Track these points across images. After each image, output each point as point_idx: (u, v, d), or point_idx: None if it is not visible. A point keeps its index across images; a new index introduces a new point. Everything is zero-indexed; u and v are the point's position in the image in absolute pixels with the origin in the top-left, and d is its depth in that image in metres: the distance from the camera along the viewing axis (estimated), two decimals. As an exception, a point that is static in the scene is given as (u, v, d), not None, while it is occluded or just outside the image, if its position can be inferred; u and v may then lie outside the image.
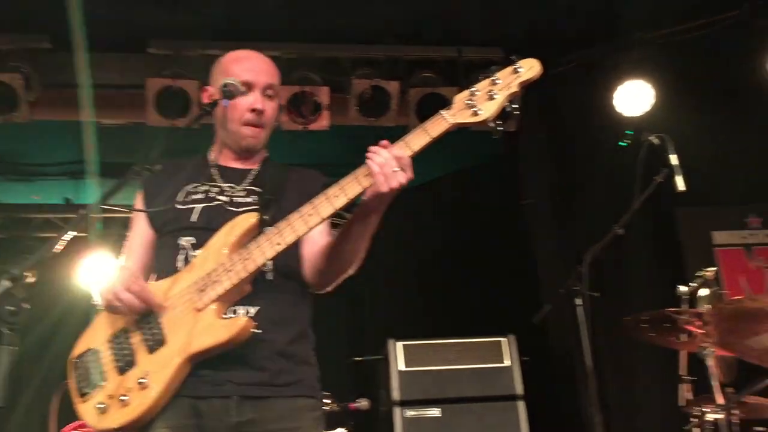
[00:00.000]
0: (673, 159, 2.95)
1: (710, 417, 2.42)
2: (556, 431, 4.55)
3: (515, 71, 1.89)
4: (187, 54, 4.66)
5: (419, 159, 1.91)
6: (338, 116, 4.89)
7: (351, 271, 2.11)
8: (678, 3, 4.73)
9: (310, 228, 1.91)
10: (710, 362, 2.65)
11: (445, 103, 1.93)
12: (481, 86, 1.89)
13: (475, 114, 1.87)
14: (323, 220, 1.92)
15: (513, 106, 1.88)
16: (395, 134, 1.94)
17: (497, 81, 1.88)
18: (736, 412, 2.91)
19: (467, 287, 5.18)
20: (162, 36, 4.68)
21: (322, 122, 4.83)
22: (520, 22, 4.73)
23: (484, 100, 1.88)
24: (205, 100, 2.21)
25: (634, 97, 4.80)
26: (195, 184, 2.14)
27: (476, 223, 5.36)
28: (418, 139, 1.89)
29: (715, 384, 2.62)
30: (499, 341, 4.51)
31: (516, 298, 4.91)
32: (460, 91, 1.92)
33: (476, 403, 4.35)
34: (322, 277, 2.10)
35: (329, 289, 2.17)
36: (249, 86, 2.12)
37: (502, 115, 1.89)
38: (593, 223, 3.49)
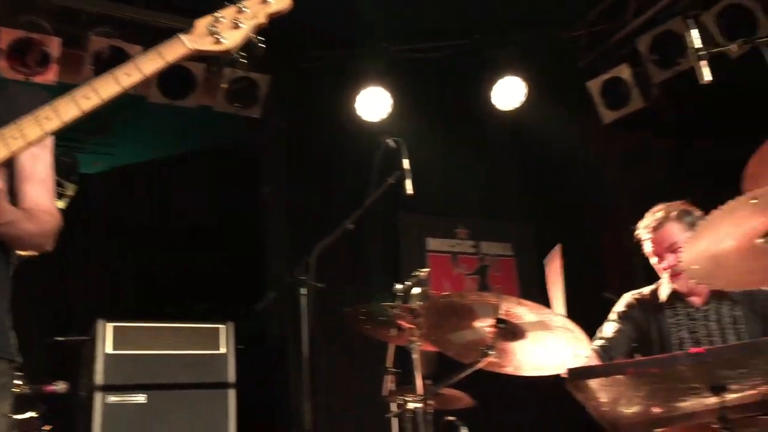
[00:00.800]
0: (406, 163, 3.14)
1: (410, 406, 2.60)
2: (268, 419, 4.59)
3: (264, 1, 1.81)
4: None
5: (157, 131, 1.80)
6: (70, 73, 4.47)
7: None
8: (424, 22, 5.07)
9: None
10: (415, 355, 2.85)
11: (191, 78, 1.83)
12: (227, 13, 1.80)
13: (218, 42, 1.78)
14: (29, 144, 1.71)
15: (259, 38, 1.82)
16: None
17: (244, 9, 1.80)
18: (432, 402, 3.18)
19: (191, 270, 5.03)
20: None
21: (49, 76, 4.38)
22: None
23: (229, 29, 1.79)
24: None
25: (373, 103, 5.05)
26: None
27: (207, 204, 5.23)
28: (152, 63, 1.75)
29: (418, 376, 2.83)
30: (217, 328, 4.44)
31: (240, 284, 4.89)
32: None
33: (186, 390, 4.24)
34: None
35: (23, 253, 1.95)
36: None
37: (248, 47, 1.81)
38: (326, 217, 3.60)
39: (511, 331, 2.58)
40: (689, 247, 2.26)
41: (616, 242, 5.59)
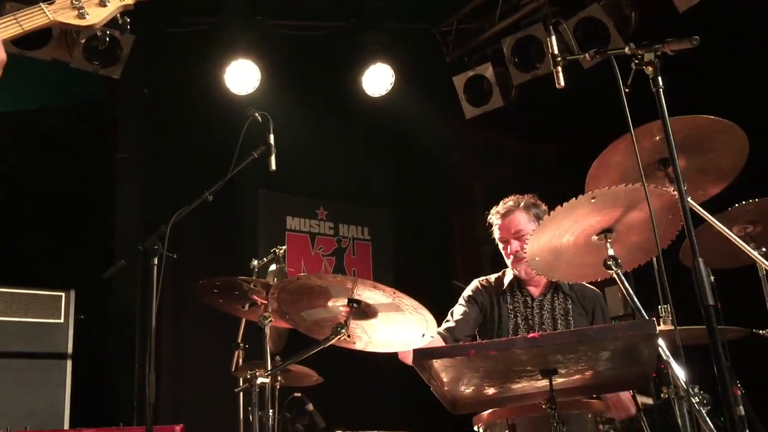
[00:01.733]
0: (271, 139, 3.11)
1: (258, 381, 2.61)
2: (109, 390, 4.42)
3: (134, -19, 1.80)
4: None
5: (3, 85, 1.72)
6: None
7: None
8: (302, 1, 5.04)
9: None
10: (267, 331, 2.85)
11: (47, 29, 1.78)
12: (94, -12, 1.77)
13: (81, 17, 1.76)
14: None
15: (126, 20, 1.81)
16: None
17: (113, -13, 1.77)
18: (280, 378, 3.20)
19: (34, 234, 4.72)
20: None
21: None
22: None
23: (94, 5, 1.78)
24: None
25: (242, 76, 4.96)
26: None
27: (57, 166, 4.92)
28: (7, 29, 1.70)
29: (267, 351, 2.84)
30: (60, 295, 4.23)
31: (89, 251, 4.65)
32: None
33: (20, 360, 4.01)
34: None
35: None
36: None
37: (115, 26, 1.81)
38: (185, 188, 3.50)
39: (363, 311, 2.64)
40: (533, 240, 2.41)
41: (466, 233, 5.84)
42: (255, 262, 3.47)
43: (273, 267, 3.37)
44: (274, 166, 3.15)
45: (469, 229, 5.83)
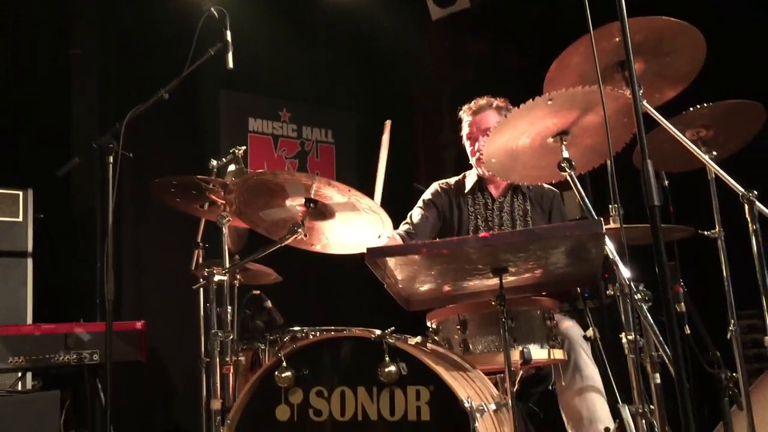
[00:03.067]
0: (228, 36, 3.03)
1: (216, 279, 2.64)
2: (72, 287, 4.44)
3: None
4: None
5: None
6: None
7: None
8: None
9: None
10: (225, 230, 2.87)
11: None
12: None
13: None
14: None
15: None
16: None
17: None
18: (239, 277, 3.24)
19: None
20: None
21: None
22: None
23: None
24: None
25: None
26: None
27: (10, 63, 4.74)
28: None
29: (225, 250, 2.86)
30: (17, 194, 4.17)
31: (43, 149, 4.56)
32: None
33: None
34: None
35: None
36: None
37: None
38: (142, 85, 3.39)
39: (320, 211, 2.66)
40: (490, 141, 2.42)
41: (430, 137, 5.84)
42: (214, 162, 3.44)
43: (232, 167, 3.34)
44: (231, 64, 3.08)
45: (433, 132, 5.82)
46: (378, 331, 2.29)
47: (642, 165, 1.86)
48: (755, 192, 2.27)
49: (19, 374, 3.43)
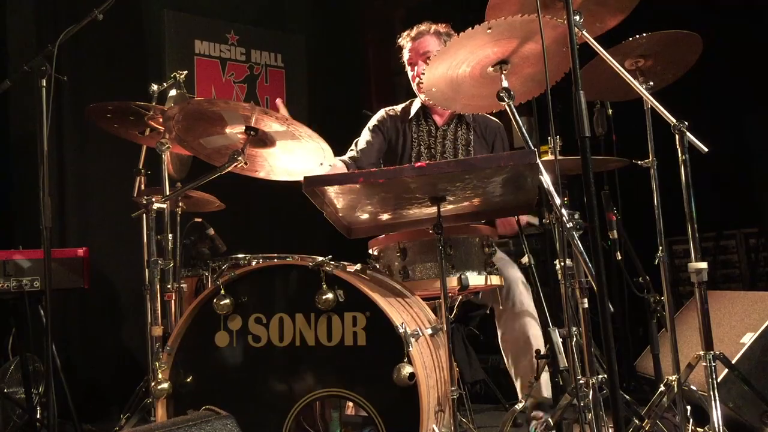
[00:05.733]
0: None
1: (155, 207, 2.62)
2: (13, 214, 4.36)
3: None
4: None
5: None
6: None
7: None
8: None
9: None
10: (164, 157, 2.83)
11: None
12: None
13: None
14: None
15: None
16: None
17: None
18: (182, 204, 3.22)
19: None
20: None
21: None
22: None
23: None
24: None
25: None
26: None
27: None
28: None
29: (165, 177, 2.83)
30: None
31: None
32: None
33: None
34: None
35: None
36: None
37: None
38: (82, 2, 3.24)
39: (261, 139, 2.63)
40: (429, 70, 2.41)
41: (381, 62, 5.76)
42: (155, 87, 3.36)
43: (173, 92, 3.27)
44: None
45: (384, 58, 5.75)
46: (318, 259, 2.32)
47: (573, 96, 1.87)
48: (686, 123, 2.32)
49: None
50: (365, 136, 3.49)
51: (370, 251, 2.83)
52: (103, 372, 4.34)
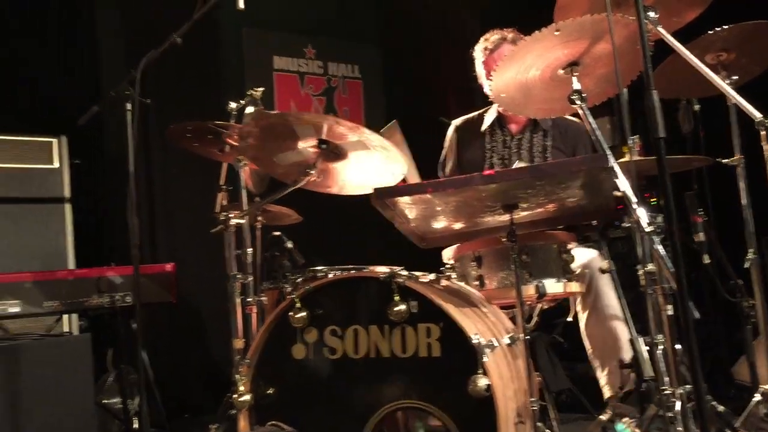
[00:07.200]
0: (235, -24, 2.98)
1: (233, 222, 2.68)
2: (100, 233, 4.57)
3: None
4: None
5: None
6: None
7: None
8: None
9: None
10: (242, 174, 2.90)
11: None
12: None
13: None
14: None
15: None
16: None
17: None
18: (261, 218, 3.30)
19: (16, 79, 4.67)
20: None
21: None
22: None
23: None
24: None
25: None
26: None
27: (33, 6, 4.77)
28: None
29: (242, 193, 2.90)
30: (50, 141, 4.26)
31: (73, 97, 4.62)
32: None
33: (20, 205, 4.11)
34: None
35: None
36: None
37: None
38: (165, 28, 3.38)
39: (333, 152, 2.66)
40: (497, 76, 2.37)
41: (458, 67, 5.71)
42: (233, 105, 3.44)
43: (250, 109, 3.34)
44: (242, 5, 3.03)
45: (461, 63, 5.69)
46: (390, 270, 2.32)
47: (645, 95, 1.81)
48: (772, 117, 2.19)
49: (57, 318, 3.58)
50: (443, 151, 3.51)
51: (445, 261, 2.80)
52: (193, 383, 4.49)
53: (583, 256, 2.95)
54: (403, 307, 2.23)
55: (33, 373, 2.81)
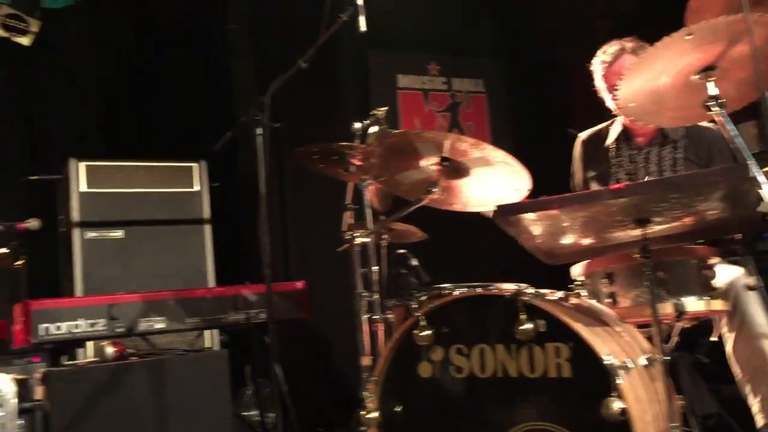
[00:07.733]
0: (359, -1, 3.06)
1: (360, 240, 2.72)
2: (238, 253, 4.79)
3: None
4: None
5: None
6: None
7: None
8: None
9: None
10: (366, 193, 2.95)
11: None
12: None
13: None
14: None
15: None
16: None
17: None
18: (386, 236, 3.33)
19: (158, 108, 5.00)
20: None
21: None
22: None
23: None
24: None
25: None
26: None
27: (172, 40, 5.10)
28: None
29: (368, 212, 2.94)
30: (191, 166, 4.53)
31: (209, 123, 4.89)
32: None
33: (166, 226, 4.39)
34: None
35: None
36: None
37: None
38: (294, 52, 3.52)
39: (455, 169, 2.65)
40: (625, 85, 2.28)
41: (585, 77, 5.54)
42: (357, 125, 3.51)
43: (374, 129, 3.39)
44: (364, 27, 3.11)
45: (589, 73, 5.52)
46: (514, 288, 2.27)
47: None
48: None
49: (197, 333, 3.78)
50: (573, 168, 3.42)
51: (574, 277, 2.71)
52: (324, 398, 4.58)
53: (727, 273, 2.76)
54: (529, 326, 2.18)
55: (176, 385, 3.00)
